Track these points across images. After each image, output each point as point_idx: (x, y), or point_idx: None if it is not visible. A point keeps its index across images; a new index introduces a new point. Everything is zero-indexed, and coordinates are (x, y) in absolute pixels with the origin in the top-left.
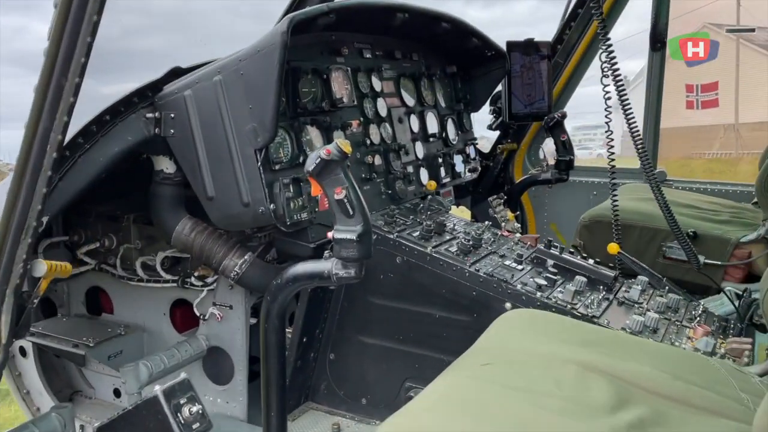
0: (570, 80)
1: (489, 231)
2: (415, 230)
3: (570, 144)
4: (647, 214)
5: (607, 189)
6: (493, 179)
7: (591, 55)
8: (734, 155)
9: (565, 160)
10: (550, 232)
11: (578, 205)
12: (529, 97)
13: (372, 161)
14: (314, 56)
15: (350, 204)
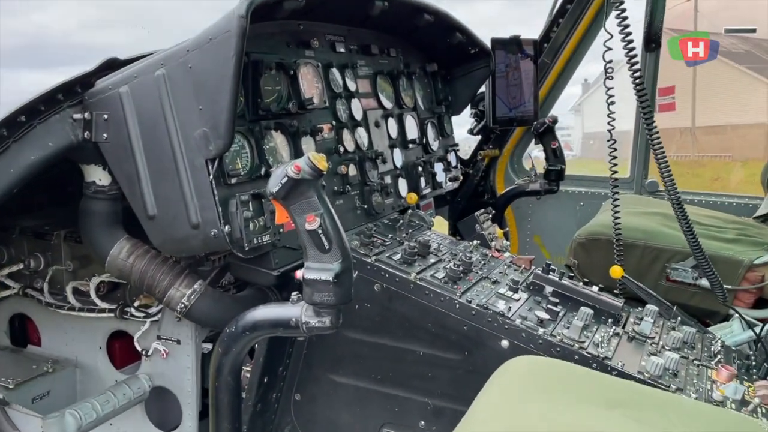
0: (557, 82)
1: (477, 251)
2: (395, 252)
3: (561, 152)
4: (650, 231)
5: (596, 200)
6: (473, 188)
7: (580, 54)
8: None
9: (556, 170)
10: (533, 245)
11: (564, 216)
12: (514, 99)
13: (346, 171)
14: (279, 48)
15: (326, 235)
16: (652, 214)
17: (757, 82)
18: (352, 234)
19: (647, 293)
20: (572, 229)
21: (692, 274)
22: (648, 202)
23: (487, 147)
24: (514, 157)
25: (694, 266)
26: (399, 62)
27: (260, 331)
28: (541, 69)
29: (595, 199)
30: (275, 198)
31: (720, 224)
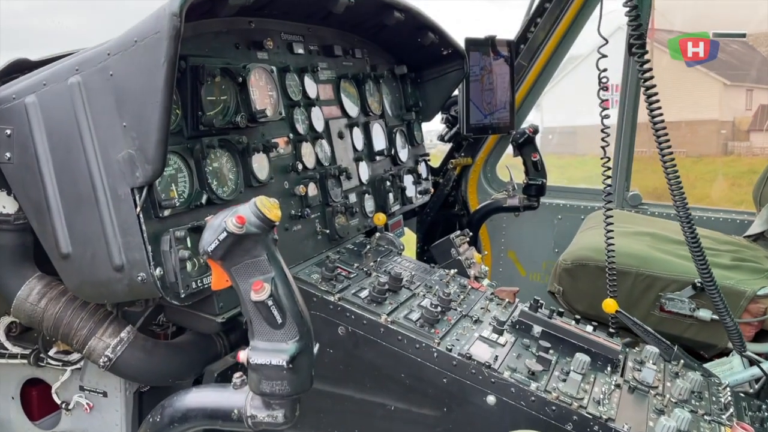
0: (534, 86)
1: (455, 282)
2: (362, 286)
3: (542, 165)
4: (643, 256)
5: (575, 213)
6: (443, 199)
7: (559, 57)
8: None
9: (537, 185)
10: (507, 261)
11: (541, 230)
12: (489, 105)
13: (305, 192)
14: (226, 50)
15: (278, 307)
16: (639, 234)
17: (709, 79)
18: (311, 265)
19: (645, 331)
20: (549, 245)
21: (689, 305)
22: (631, 218)
23: (459, 155)
24: (488, 166)
25: (691, 296)
26: (365, 64)
27: (192, 423)
28: (518, 72)
29: (575, 212)
30: (211, 258)
31: (713, 245)
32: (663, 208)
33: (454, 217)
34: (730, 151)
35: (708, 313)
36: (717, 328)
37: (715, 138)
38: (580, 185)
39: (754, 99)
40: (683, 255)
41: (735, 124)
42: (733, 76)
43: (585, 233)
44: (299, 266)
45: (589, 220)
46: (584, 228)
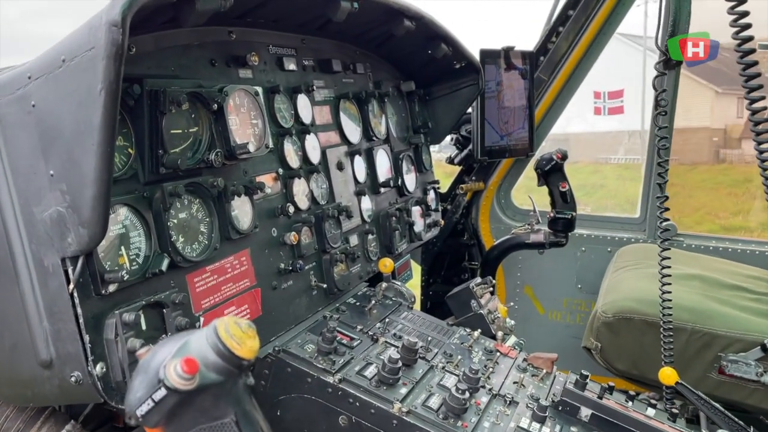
0: (555, 103)
1: (479, 346)
2: (368, 360)
3: (572, 196)
4: (700, 311)
5: (601, 245)
6: (452, 227)
7: (583, 70)
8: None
9: (566, 219)
10: (524, 297)
11: (561, 264)
12: (506, 125)
13: (297, 240)
14: (197, 69)
15: None
16: (687, 278)
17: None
18: (305, 331)
19: (713, 409)
20: (571, 280)
21: (756, 369)
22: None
23: (470, 179)
24: (502, 191)
25: (759, 359)
26: (368, 81)
27: None
28: (537, 87)
29: (600, 244)
30: (147, 425)
31: (764, 288)
32: (701, 240)
33: (463, 247)
34: (722, 159)
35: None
36: None
37: (708, 146)
38: (608, 213)
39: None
40: (746, 307)
41: (727, 132)
42: (724, 83)
43: (623, 277)
44: (289, 333)
45: (621, 256)
46: (618, 267)
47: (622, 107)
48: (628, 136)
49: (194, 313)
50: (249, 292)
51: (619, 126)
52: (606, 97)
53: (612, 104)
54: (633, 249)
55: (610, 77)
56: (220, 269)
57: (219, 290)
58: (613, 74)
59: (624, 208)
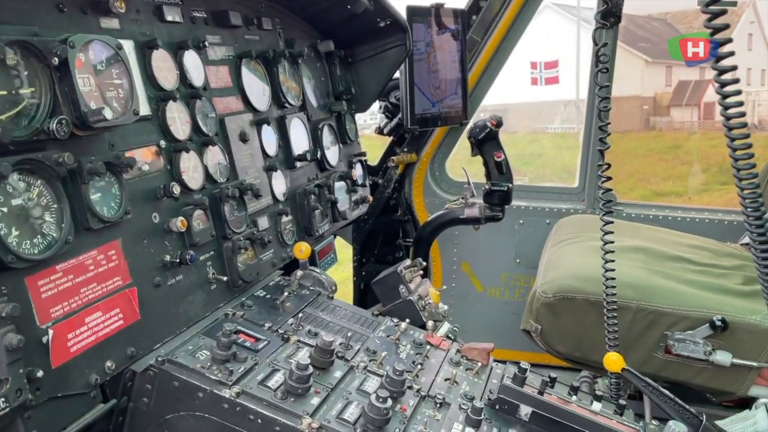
0: (489, 66)
1: (407, 339)
2: (275, 366)
3: (508, 166)
4: (645, 287)
5: (539, 216)
6: (384, 202)
7: (518, 30)
8: (576, 130)
9: (502, 191)
10: (461, 275)
11: (499, 238)
12: (437, 90)
13: (186, 226)
14: (34, 15)
15: None
16: (630, 251)
17: (632, 56)
18: (199, 335)
19: (663, 397)
20: (509, 254)
21: (704, 348)
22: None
23: (401, 150)
24: (436, 163)
25: (707, 337)
26: (277, 39)
27: None
28: (470, 49)
29: (538, 216)
30: None
31: (713, 260)
32: (641, 209)
33: (397, 224)
34: (652, 126)
35: (728, 357)
36: (736, 373)
37: (638, 113)
38: (546, 184)
39: (674, 75)
40: (691, 281)
41: (656, 100)
42: (653, 53)
43: (563, 251)
44: (179, 339)
45: (560, 229)
46: (557, 240)
47: (558, 77)
48: (564, 106)
49: (39, 326)
50: (121, 292)
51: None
52: (542, 68)
53: (548, 74)
54: (572, 220)
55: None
56: (78, 267)
57: (77, 293)
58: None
59: (561, 176)
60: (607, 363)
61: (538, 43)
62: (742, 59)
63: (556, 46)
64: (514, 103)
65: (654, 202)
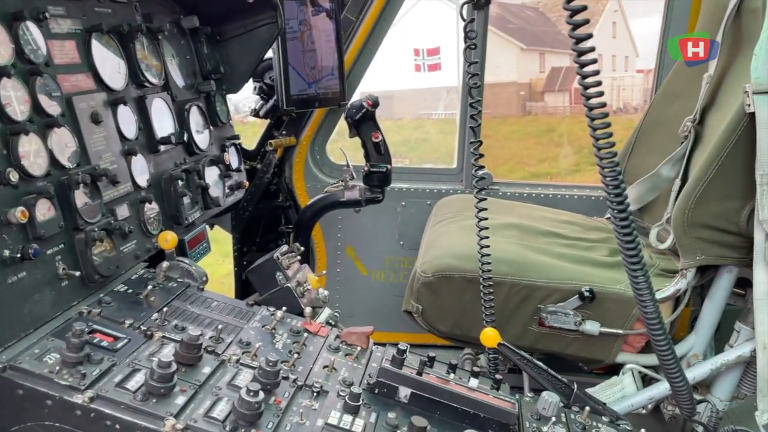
0: (366, 46)
1: (284, 328)
2: (135, 366)
3: (386, 147)
4: (518, 262)
5: (421, 198)
6: (264, 188)
7: (393, 9)
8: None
9: (381, 173)
10: (346, 259)
11: (382, 220)
12: (313, 70)
13: (28, 217)
14: None
15: None
16: (505, 228)
17: (508, 43)
18: (48, 337)
19: (536, 368)
20: (393, 236)
21: (574, 319)
22: (489, 205)
23: (279, 134)
24: (316, 146)
25: (577, 308)
26: (133, 13)
27: None
28: (345, 29)
29: (420, 197)
30: None
31: (581, 233)
32: (516, 188)
33: (279, 210)
34: (528, 111)
35: (596, 326)
36: (604, 342)
37: (515, 99)
38: (426, 165)
39: (547, 62)
40: (561, 254)
41: (531, 86)
42: (528, 40)
43: (442, 231)
44: (24, 342)
45: (440, 209)
46: (437, 220)
47: (440, 64)
48: (447, 92)
49: None
50: None
51: (439, 82)
52: (425, 55)
53: (431, 61)
54: (451, 200)
55: (429, 35)
56: None
57: None
58: (431, 32)
59: (446, 161)
60: (484, 339)
61: (421, 30)
62: (608, 47)
63: (438, 33)
64: (400, 90)
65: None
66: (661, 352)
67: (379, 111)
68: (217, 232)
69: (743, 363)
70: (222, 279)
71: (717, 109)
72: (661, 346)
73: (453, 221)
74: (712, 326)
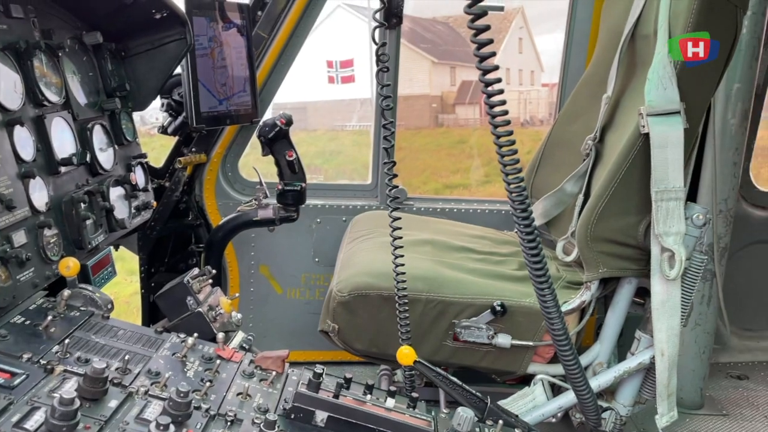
0: (278, 63)
1: (195, 356)
2: (35, 403)
3: (300, 165)
4: (432, 278)
5: (336, 214)
6: (173, 206)
7: (306, 26)
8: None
9: (295, 191)
10: (260, 278)
11: (297, 238)
12: (224, 87)
13: None
14: None
15: None
16: (419, 244)
17: (420, 57)
18: None
19: (451, 384)
20: (308, 254)
21: (487, 332)
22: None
23: (189, 151)
24: (227, 163)
25: (489, 322)
26: (31, 29)
27: None
28: (257, 45)
29: (335, 214)
30: None
31: (492, 248)
32: (430, 203)
33: (189, 229)
34: (440, 123)
35: (507, 339)
36: (516, 354)
37: (428, 111)
38: (341, 181)
39: (458, 75)
40: (473, 269)
41: (443, 99)
42: (439, 54)
43: (358, 248)
44: None
45: (355, 226)
46: (352, 237)
47: (353, 76)
48: (360, 104)
49: None
50: None
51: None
52: (338, 66)
53: (344, 73)
54: (366, 217)
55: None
56: None
57: None
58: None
59: (360, 173)
60: (400, 357)
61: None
62: (514, 61)
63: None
64: (314, 102)
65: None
66: (567, 365)
67: (293, 123)
68: (123, 250)
69: (644, 369)
70: (128, 299)
71: (615, 128)
72: (567, 358)
73: (368, 238)
74: (615, 335)
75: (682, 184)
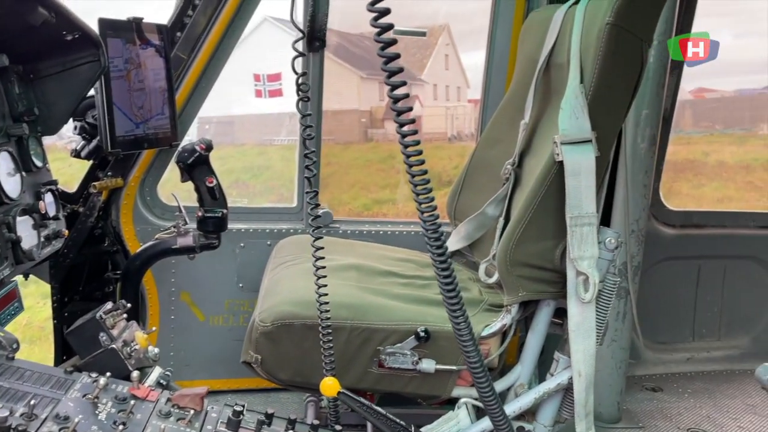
0: (198, 84)
1: (107, 396)
2: None
3: (221, 191)
4: (357, 306)
5: (260, 238)
6: (88, 233)
7: (228, 47)
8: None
9: (216, 218)
10: (181, 306)
11: (220, 263)
12: (141, 110)
13: None
14: None
15: None
16: (344, 269)
17: (347, 71)
18: None
19: (376, 414)
20: (232, 279)
21: (411, 358)
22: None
23: (105, 175)
24: (146, 187)
25: (413, 348)
26: None
27: None
28: (176, 67)
29: (260, 238)
30: None
31: (416, 271)
32: (356, 226)
33: (105, 255)
34: (370, 138)
35: (431, 364)
36: (440, 378)
37: (357, 126)
38: (265, 204)
39: (385, 90)
40: (398, 295)
41: (372, 114)
42: (367, 69)
43: (282, 275)
44: None
45: (279, 251)
46: (277, 263)
47: (281, 90)
48: (289, 118)
49: None
50: None
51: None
52: (266, 80)
53: (272, 87)
54: (291, 242)
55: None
56: None
57: None
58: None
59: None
60: (324, 389)
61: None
62: (441, 78)
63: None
64: (241, 115)
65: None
66: (481, 391)
67: (220, 137)
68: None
69: (563, 389)
70: (43, 323)
71: (533, 154)
72: (482, 385)
73: (293, 264)
74: (535, 356)
75: (594, 210)
